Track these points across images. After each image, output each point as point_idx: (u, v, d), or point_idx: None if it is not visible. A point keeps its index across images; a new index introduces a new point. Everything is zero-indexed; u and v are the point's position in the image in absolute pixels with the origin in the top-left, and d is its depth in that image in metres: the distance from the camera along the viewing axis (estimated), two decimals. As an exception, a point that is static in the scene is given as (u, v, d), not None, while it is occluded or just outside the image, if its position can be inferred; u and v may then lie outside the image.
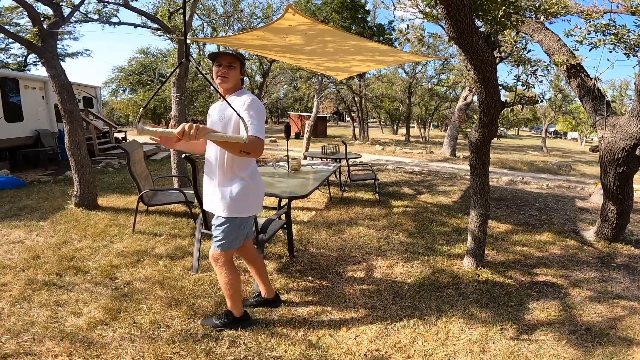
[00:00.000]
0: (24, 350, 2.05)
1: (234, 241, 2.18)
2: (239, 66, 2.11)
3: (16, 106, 8.05)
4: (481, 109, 3.05)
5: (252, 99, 2.02)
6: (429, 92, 22.18)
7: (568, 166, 12.54)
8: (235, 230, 2.16)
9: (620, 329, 2.49)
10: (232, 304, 2.29)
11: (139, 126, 1.63)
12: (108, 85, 24.99)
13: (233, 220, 2.13)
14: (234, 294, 2.26)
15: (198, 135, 1.57)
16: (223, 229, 2.14)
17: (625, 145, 3.64)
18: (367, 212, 5.16)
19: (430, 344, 2.27)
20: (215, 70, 2.08)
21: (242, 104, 1.99)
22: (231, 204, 2.10)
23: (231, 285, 2.23)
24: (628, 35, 3.48)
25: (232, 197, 2.09)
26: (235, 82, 2.12)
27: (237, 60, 2.10)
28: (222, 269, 2.20)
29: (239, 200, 2.11)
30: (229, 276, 2.20)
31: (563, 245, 4.06)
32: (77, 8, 5.10)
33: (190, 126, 1.56)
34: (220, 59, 2.07)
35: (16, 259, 3.22)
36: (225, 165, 2.09)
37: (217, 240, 2.17)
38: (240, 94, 2.09)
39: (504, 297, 2.86)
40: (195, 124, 1.57)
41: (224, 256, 2.19)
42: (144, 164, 4.60)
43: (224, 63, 2.07)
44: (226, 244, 2.16)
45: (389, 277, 3.18)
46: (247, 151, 1.83)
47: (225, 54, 2.08)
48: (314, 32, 3.48)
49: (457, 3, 2.30)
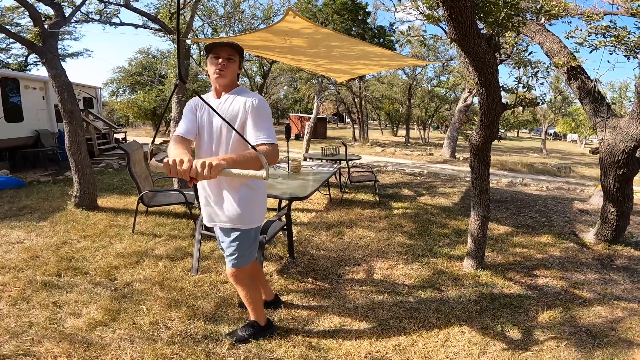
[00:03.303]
0: (23, 351, 2.05)
1: (251, 254, 2.03)
2: (238, 59, 1.88)
3: (16, 106, 8.04)
4: (482, 111, 3.05)
5: (258, 100, 1.79)
6: (428, 93, 22.23)
7: (568, 168, 12.55)
8: (252, 242, 2.01)
9: (621, 330, 2.48)
10: (256, 314, 2.20)
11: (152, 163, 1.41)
12: (108, 85, 24.99)
13: (248, 232, 1.96)
14: (257, 306, 2.17)
15: (212, 175, 1.33)
16: (238, 244, 1.95)
17: (626, 147, 3.64)
18: (367, 213, 5.16)
19: (431, 346, 2.26)
20: (213, 64, 1.82)
21: (245, 107, 1.78)
22: (241, 214, 1.91)
23: (253, 298, 2.13)
24: (628, 37, 3.48)
25: (242, 206, 1.90)
26: (234, 77, 1.87)
27: (237, 52, 1.85)
28: (243, 285, 2.07)
29: (249, 209, 1.92)
30: (250, 291, 2.11)
31: (563, 247, 4.06)
32: (79, 8, 5.11)
33: (202, 165, 1.31)
34: (219, 51, 1.81)
35: (15, 259, 3.22)
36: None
37: (233, 257, 1.97)
38: (239, 92, 1.86)
39: (504, 299, 2.86)
40: (209, 162, 1.31)
41: (244, 272, 2.04)
42: (144, 164, 4.60)
43: (224, 55, 1.81)
44: (244, 259, 1.99)
45: (389, 278, 3.18)
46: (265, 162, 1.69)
47: (224, 45, 1.82)
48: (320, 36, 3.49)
49: (459, 5, 2.30)
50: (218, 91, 1.90)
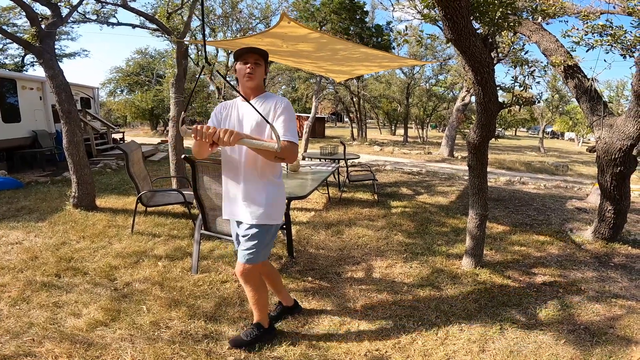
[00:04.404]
0: (24, 351, 2.05)
1: (266, 251, 2.04)
2: (264, 63, 1.96)
3: (13, 107, 8.02)
4: (479, 110, 3.06)
5: (287, 102, 1.92)
6: (426, 92, 22.25)
7: (565, 166, 12.60)
8: (269, 240, 2.02)
9: (619, 328, 2.50)
10: (261, 316, 2.17)
11: (182, 128, 1.72)
12: (106, 85, 24.94)
13: (268, 228, 1.98)
14: (263, 306, 2.15)
15: (233, 141, 1.57)
16: (259, 240, 1.96)
17: (622, 145, 3.66)
18: (366, 212, 5.17)
19: (430, 344, 2.27)
20: (242, 69, 1.91)
21: (275, 107, 1.88)
22: (266, 211, 1.94)
23: (262, 299, 2.12)
24: (625, 36, 3.50)
25: (267, 203, 1.94)
26: (260, 82, 1.97)
27: (262, 57, 1.94)
28: (252, 284, 2.05)
29: (273, 206, 1.97)
30: (259, 291, 2.09)
31: (561, 245, 4.08)
32: (75, 8, 5.09)
33: (225, 131, 1.57)
34: (247, 57, 1.91)
35: (14, 260, 3.21)
36: (257, 168, 1.94)
37: (250, 252, 1.97)
38: (266, 97, 1.96)
39: (503, 297, 2.88)
40: (230, 130, 1.57)
41: (256, 269, 2.03)
42: (143, 164, 4.59)
43: (251, 60, 1.90)
44: (259, 256, 2.00)
45: (388, 277, 3.19)
46: (282, 157, 1.77)
47: (252, 51, 1.92)
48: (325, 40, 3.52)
49: (454, 5, 2.31)
50: (247, 95, 1.98)
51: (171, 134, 5.52)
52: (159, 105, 20.45)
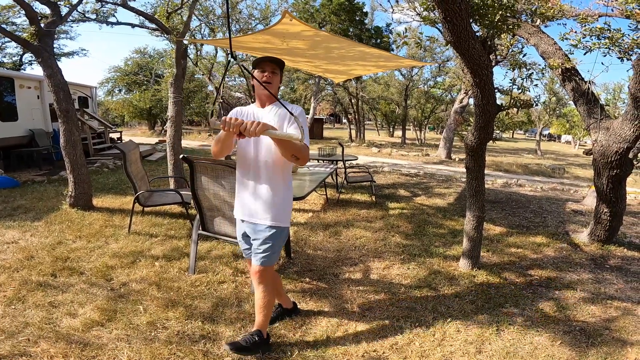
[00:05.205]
0: (19, 351, 2.04)
1: (279, 252, 2.07)
2: (280, 73, 2.05)
3: (11, 105, 7.98)
4: (477, 112, 3.07)
5: (300, 110, 1.97)
6: (425, 94, 22.30)
7: (562, 169, 12.66)
8: (283, 240, 2.06)
9: (614, 329, 2.51)
10: (264, 324, 2.13)
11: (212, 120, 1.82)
12: (104, 85, 24.86)
13: (283, 230, 2.04)
14: (269, 313, 2.13)
15: (259, 132, 1.61)
16: (274, 241, 2.00)
17: (619, 148, 3.68)
18: (364, 214, 5.17)
19: (427, 345, 2.28)
20: (259, 76, 1.98)
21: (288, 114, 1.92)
22: (281, 213, 2.00)
23: (270, 303, 2.10)
24: (622, 39, 3.52)
25: (281, 205, 2.00)
26: (276, 90, 2.03)
27: (278, 66, 2.02)
28: (265, 285, 2.05)
29: (286, 208, 2.03)
30: (269, 294, 2.08)
31: (557, 247, 4.10)
32: (75, 7, 5.08)
33: (252, 123, 1.62)
34: (264, 65, 1.99)
35: (10, 259, 3.19)
36: (274, 170, 1.98)
37: (266, 254, 1.99)
38: (280, 105, 1.99)
39: (500, 298, 2.88)
40: (257, 122, 1.62)
41: (271, 270, 2.06)
42: (140, 164, 4.58)
43: (268, 69, 1.98)
44: (274, 257, 2.03)
45: (386, 278, 3.20)
46: (298, 156, 1.81)
47: (269, 60, 2.00)
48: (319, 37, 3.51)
49: (454, 7, 2.32)
50: (262, 101, 2.04)
51: (169, 134, 5.51)
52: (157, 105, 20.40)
